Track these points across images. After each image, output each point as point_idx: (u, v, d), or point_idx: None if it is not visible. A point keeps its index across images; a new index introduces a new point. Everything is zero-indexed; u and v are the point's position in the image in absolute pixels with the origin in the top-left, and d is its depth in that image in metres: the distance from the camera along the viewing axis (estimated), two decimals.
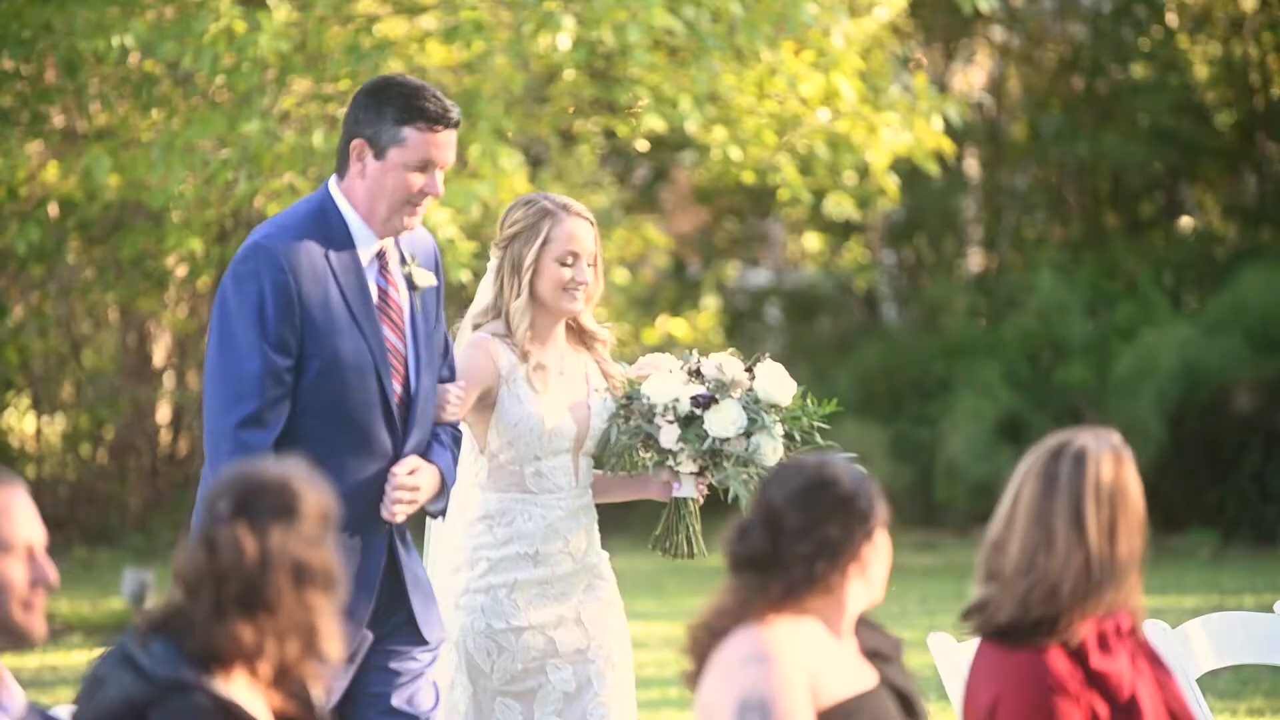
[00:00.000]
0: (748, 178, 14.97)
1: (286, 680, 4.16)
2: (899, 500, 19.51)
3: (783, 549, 4.42)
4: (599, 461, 6.41)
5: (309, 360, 5.66)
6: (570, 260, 6.29)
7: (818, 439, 6.41)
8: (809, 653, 4.40)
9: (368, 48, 13.32)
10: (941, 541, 19.70)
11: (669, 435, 6.30)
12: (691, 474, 6.38)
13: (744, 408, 6.31)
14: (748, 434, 6.31)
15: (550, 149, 18.94)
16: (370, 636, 5.77)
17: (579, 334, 6.48)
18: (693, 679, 4.46)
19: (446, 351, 6.03)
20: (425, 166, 5.72)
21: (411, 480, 5.75)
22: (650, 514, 6.60)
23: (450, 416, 5.95)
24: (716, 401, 6.31)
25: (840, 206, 15.40)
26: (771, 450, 6.32)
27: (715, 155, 14.72)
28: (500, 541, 6.27)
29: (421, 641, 5.87)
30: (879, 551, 4.49)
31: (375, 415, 5.72)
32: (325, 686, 4.26)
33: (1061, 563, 4.45)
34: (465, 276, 13.91)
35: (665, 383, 6.36)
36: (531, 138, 17.13)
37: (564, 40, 13.22)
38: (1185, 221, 22.80)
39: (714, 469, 6.35)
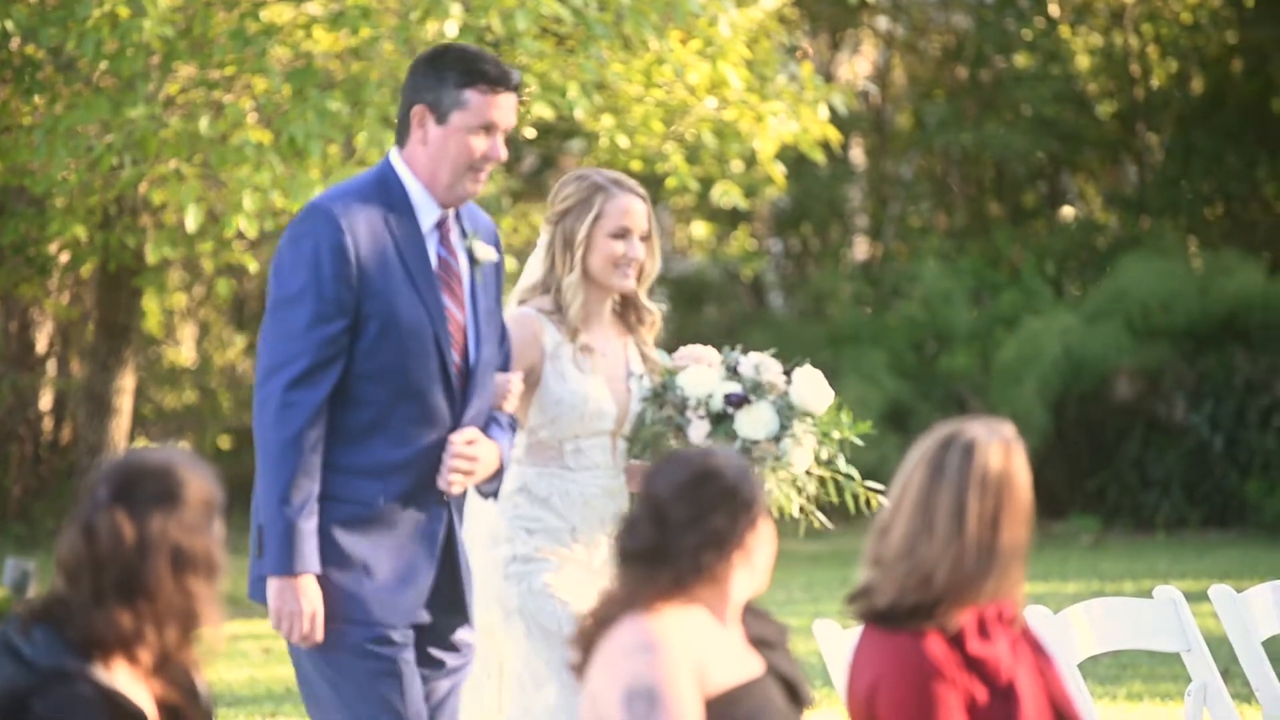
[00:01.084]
0: (635, 166, 14.98)
1: (169, 667, 4.14)
2: None
3: (670, 541, 4.43)
4: (628, 445, 6.32)
5: (367, 322, 5.57)
6: (623, 235, 6.21)
7: (840, 463, 6.29)
8: (695, 641, 4.42)
9: (253, 33, 13.24)
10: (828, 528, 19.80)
11: (698, 430, 6.20)
12: None
13: (777, 412, 6.22)
14: (777, 439, 6.21)
15: None
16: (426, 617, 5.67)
17: (627, 312, 6.38)
18: (580, 669, 4.47)
19: (504, 337, 5.95)
20: (488, 129, 5.66)
21: (470, 450, 5.64)
22: None
23: (510, 407, 5.88)
24: (749, 402, 6.21)
25: (727, 195, 15.44)
26: (800, 458, 6.22)
27: (603, 143, 14.73)
28: (536, 516, 6.18)
29: (466, 623, 5.75)
30: (763, 539, 4.52)
31: (434, 383, 5.62)
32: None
33: (939, 550, 4.48)
34: None
35: (701, 376, 6.25)
36: None
37: (451, 27, 13.18)
38: (1067, 210, 23.02)
39: None
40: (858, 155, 23.42)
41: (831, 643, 5.96)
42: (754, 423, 6.20)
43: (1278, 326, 19.63)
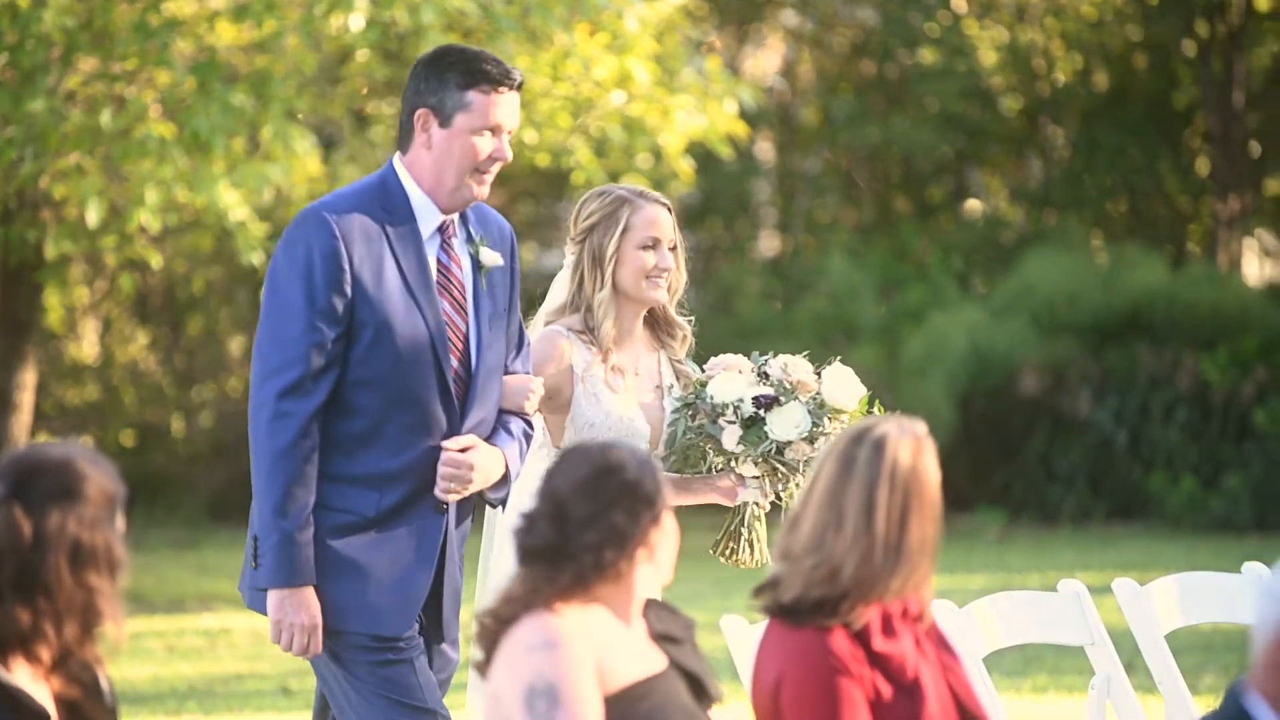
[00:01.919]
0: (542, 160, 14.96)
1: (70, 665, 4.10)
2: None
3: (570, 539, 4.40)
4: (663, 458, 6.24)
5: (361, 329, 5.53)
6: (652, 245, 6.15)
7: None
8: (596, 638, 4.40)
9: (156, 26, 13.13)
10: None
11: (730, 436, 6.12)
12: (755, 478, 6.18)
13: (809, 412, 6.12)
14: (810, 439, 6.12)
15: (343, 130, 18.79)
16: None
17: (657, 327, 6.32)
18: (482, 667, 4.44)
19: (521, 344, 5.90)
20: (493, 130, 5.65)
21: (463, 457, 5.59)
22: (713, 519, 6.38)
23: (531, 408, 5.82)
24: (780, 403, 6.12)
25: None
26: None
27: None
28: None
29: (445, 638, 5.72)
30: (666, 535, 4.49)
31: (430, 391, 5.58)
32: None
33: (847, 545, 4.47)
34: (258, 259, 13.77)
35: (730, 382, 6.18)
36: (324, 119, 16.99)
37: (357, 20, 13.12)
38: (973, 205, 23.13)
39: (775, 476, 6.15)
40: (765, 150, 23.46)
41: (738, 638, 5.95)
42: (785, 423, 6.11)
43: (1181, 320, 19.79)
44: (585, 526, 4.41)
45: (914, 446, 4.54)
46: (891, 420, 4.58)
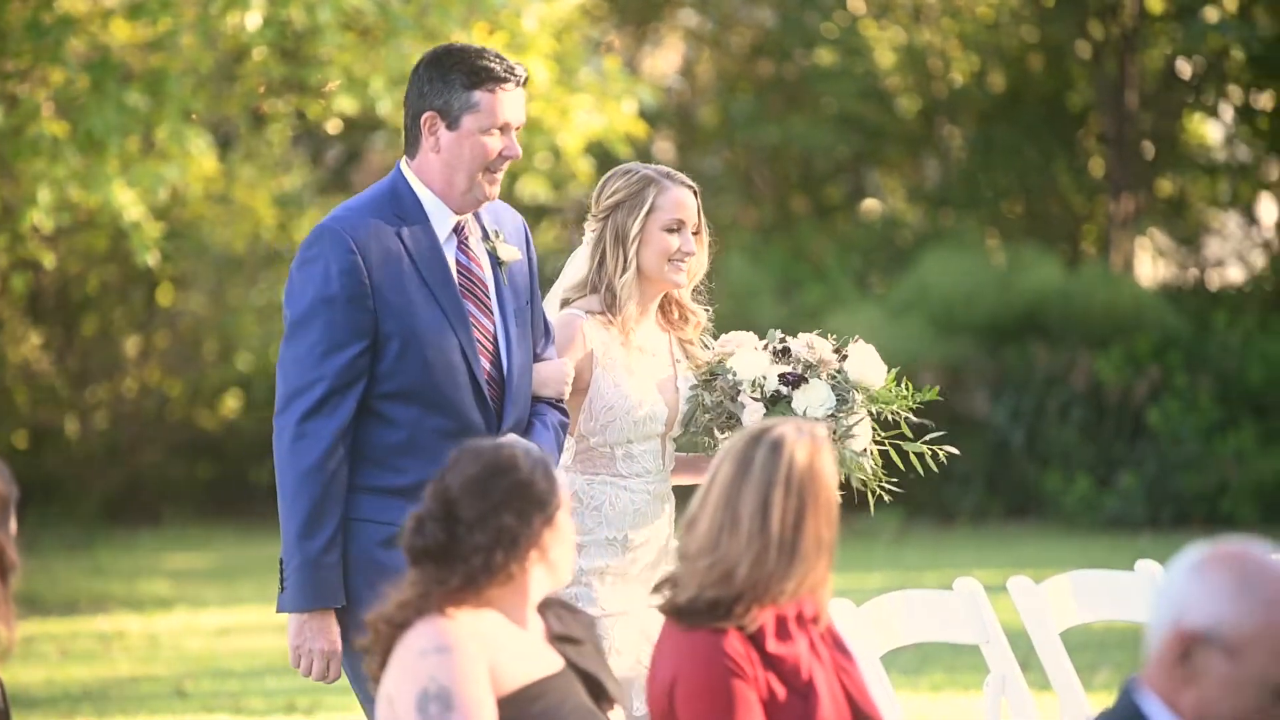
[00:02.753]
0: None
1: None
2: None
3: (460, 540, 4.35)
4: (679, 436, 6.12)
5: (387, 341, 5.44)
6: (677, 228, 6.02)
7: (905, 427, 6.16)
8: (489, 640, 4.37)
9: (49, 24, 13.01)
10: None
11: (753, 413, 5.97)
12: None
13: (833, 388, 6.05)
14: (835, 416, 6.03)
15: (240, 129, 18.70)
16: None
17: (670, 311, 6.20)
18: (376, 672, 4.41)
19: (546, 330, 5.81)
20: (502, 128, 5.57)
21: None
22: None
23: (567, 394, 5.73)
24: (806, 380, 6.02)
25: (533, 189, 15.41)
26: (863, 435, 6.05)
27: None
28: (588, 527, 5.95)
29: None
30: (560, 536, 4.46)
31: (464, 395, 5.49)
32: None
33: (741, 547, 4.44)
34: (153, 259, 13.68)
35: (752, 359, 6.06)
36: (221, 118, 16.90)
37: (253, 19, 13.04)
38: (870, 205, 23.23)
39: None
40: (665, 150, 23.48)
41: None
42: (812, 401, 6.00)
43: (1076, 320, 19.93)
44: (475, 528, 4.36)
45: (811, 448, 4.52)
46: (789, 422, 4.56)
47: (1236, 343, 19.54)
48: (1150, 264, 22.81)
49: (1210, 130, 23.09)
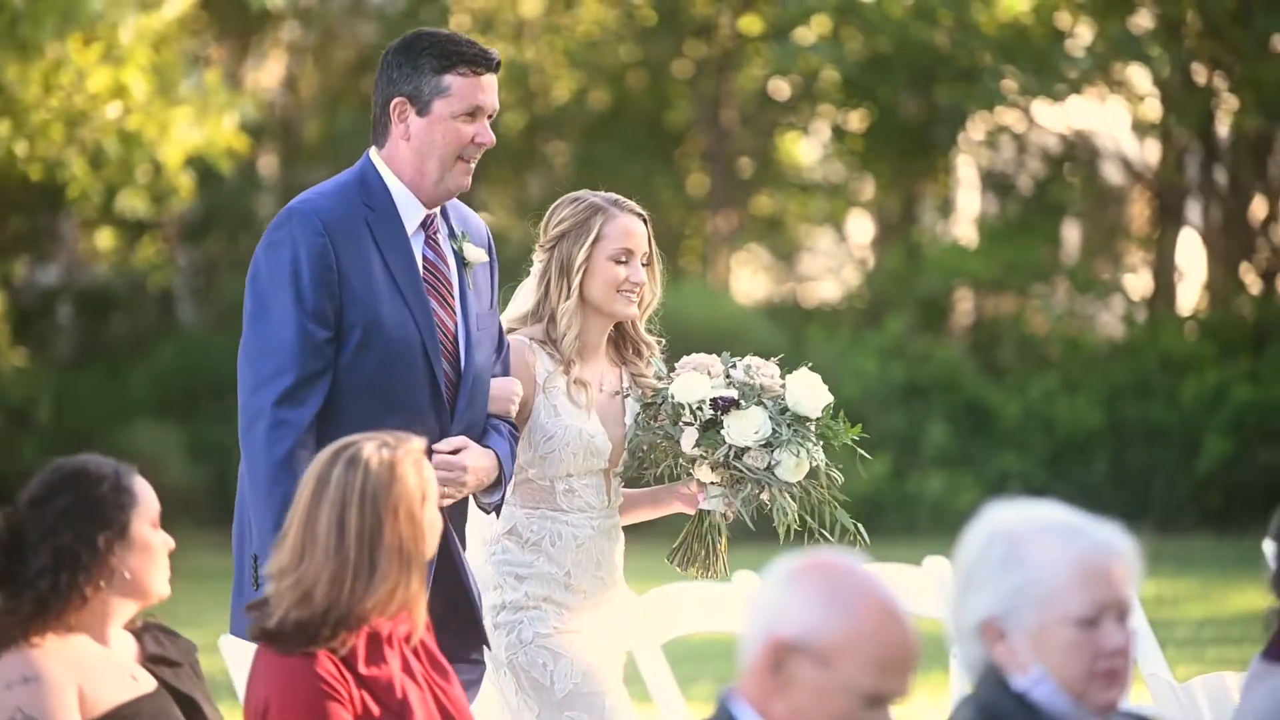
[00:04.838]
0: (35, 173, 14.56)
1: None
2: (196, 501, 19.31)
3: (26, 564, 4.18)
4: (625, 463, 5.90)
5: (349, 331, 5.20)
6: (624, 258, 5.83)
7: (834, 472, 5.85)
8: (78, 665, 4.26)
9: None
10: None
11: (688, 439, 5.79)
12: (715, 484, 5.84)
13: (770, 418, 5.79)
14: (769, 446, 5.78)
15: None
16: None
17: (625, 344, 5.98)
18: None
19: (501, 344, 5.60)
20: (474, 113, 5.37)
21: (456, 459, 5.25)
22: (672, 529, 6.07)
23: (513, 414, 5.52)
24: (740, 406, 5.78)
25: (133, 203, 15.14)
26: (793, 467, 5.78)
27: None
28: (526, 561, 5.73)
29: (476, 648, 5.41)
30: (139, 550, 4.32)
31: (422, 394, 5.27)
32: None
33: (319, 567, 4.35)
34: None
35: (694, 384, 5.84)
36: None
37: None
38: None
39: (735, 484, 5.81)
40: (269, 164, 23.25)
41: (237, 659, 5.89)
42: (743, 428, 5.78)
43: (675, 338, 20.15)
44: (37, 550, 4.20)
45: (390, 463, 4.41)
46: (374, 437, 4.48)
47: (831, 358, 20.02)
48: (749, 280, 23.31)
49: (805, 149, 23.69)
